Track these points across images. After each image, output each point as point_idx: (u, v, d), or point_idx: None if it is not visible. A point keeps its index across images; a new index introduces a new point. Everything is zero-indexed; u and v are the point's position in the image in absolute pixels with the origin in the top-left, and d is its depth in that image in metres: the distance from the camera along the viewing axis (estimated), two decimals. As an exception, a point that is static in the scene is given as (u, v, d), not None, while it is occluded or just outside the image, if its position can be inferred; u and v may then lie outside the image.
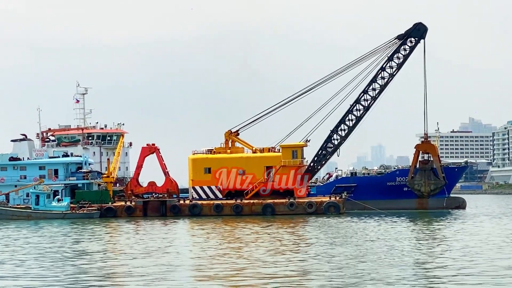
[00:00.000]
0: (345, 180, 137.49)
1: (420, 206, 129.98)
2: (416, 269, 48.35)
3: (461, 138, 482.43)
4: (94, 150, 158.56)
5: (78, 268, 51.98)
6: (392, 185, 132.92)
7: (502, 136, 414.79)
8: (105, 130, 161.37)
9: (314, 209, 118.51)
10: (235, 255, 58.25)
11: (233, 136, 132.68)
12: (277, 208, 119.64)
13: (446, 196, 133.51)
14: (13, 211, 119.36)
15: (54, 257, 59.72)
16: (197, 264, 53.66)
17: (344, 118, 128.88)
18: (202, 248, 65.13)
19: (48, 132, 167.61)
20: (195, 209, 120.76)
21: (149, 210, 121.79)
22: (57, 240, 76.26)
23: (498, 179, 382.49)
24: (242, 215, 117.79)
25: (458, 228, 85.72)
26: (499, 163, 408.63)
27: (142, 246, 68.47)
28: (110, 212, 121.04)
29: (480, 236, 73.84)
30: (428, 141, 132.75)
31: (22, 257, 59.89)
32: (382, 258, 54.06)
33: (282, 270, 48.79)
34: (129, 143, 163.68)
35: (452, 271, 46.73)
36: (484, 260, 52.13)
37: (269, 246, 64.76)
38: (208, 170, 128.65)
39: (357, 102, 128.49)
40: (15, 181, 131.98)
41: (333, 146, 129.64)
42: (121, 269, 51.99)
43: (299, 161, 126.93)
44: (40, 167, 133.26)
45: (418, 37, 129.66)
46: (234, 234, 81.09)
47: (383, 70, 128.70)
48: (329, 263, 51.75)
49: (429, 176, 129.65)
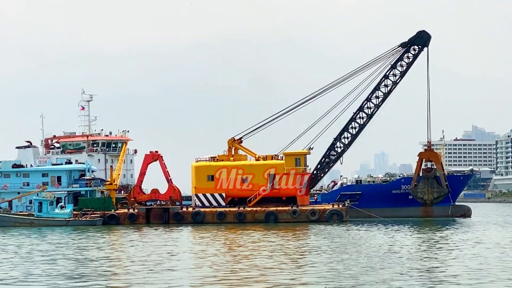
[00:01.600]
0: (350, 188, 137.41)
1: (425, 214, 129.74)
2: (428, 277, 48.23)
3: (464, 146, 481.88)
4: (99, 157, 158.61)
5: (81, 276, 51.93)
6: (397, 193, 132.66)
7: (506, 145, 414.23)
8: (110, 137, 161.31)
9: (317, 217, 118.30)
10: (237, 264, 58.14)
11: (236, 144, 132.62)
12: (280, 216, 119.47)
13: (452, 204, 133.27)
14: (16, 218, 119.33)
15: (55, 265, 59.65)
16: (200, 273, 53.57)
17: (347, 126, 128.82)
18: (203, 257, 65.00)
19: (53, 139, 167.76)
20: (198, 217, 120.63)
21: (152, 217, 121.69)
22: (61, 248, 76.20)
23: (502, 187, 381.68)
24: (245, 222, 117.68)
25: (471, 237, 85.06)
26: (502, 171, 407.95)
27: (145, 254, 68.36)
28: (113, 220, 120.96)
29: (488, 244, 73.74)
30: (432, 149, 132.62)
31: (28, 265, 59.83)
32: (396, 268, 53.91)
33: (282, 279, 48.70)
34: (134, 150, 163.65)
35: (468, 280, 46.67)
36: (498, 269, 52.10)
37: (270, 255, 64.64)
38: (211, 178, 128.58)
39: (360, 110, 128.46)
40: (18, 188, 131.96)
41: (336, 154, 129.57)
42: (124, 277, 51.95)
43: (302, 169, 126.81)
44: (43, 174, 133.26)
45: (422, 45, 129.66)
46: (237, 242, 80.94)
47: (387, 78, 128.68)
48: (335, 272, 51.64)
49: (432, 184, 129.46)
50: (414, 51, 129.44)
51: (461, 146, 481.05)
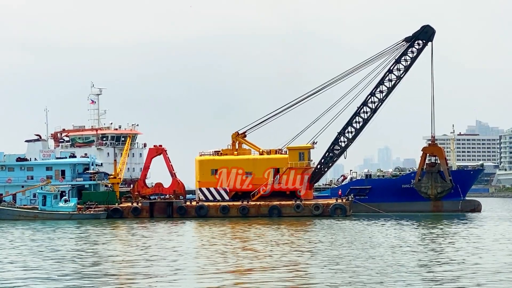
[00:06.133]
0: (360, 182, 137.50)
1: (435, 208, 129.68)
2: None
3: (468, 141, 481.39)
4: (108, 151, 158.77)
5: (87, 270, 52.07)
6: (407, 188, 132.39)
7: (509, 139, 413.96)
8: (119, 131, 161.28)
9: (320, 211, 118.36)
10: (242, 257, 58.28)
11: (240, 138, 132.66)
12: (283, 210, 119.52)
13: (462, 199, 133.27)
14: (20, 212, 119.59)
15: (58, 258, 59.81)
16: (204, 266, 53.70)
17: (351, 120, 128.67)
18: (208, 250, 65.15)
19: (63, 132, 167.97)
20: (201, 211, 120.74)
21: (156, 211, 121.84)
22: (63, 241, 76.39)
23: (505, 182, 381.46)
24: (249, 216, 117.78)
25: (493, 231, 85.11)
26: (506, 166, 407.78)
27: (149, 248, 68.51)
28: (117, 213, 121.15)
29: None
30: (435, 143, 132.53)
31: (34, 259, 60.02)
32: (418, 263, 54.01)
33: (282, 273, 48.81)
34: (144, 144, 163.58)
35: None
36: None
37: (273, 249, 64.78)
38: (215, 172, 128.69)
39: (365, 104, 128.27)
40: (22, 182, 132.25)
41: (340, 148, 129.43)
42: (128, 270, 52.07)
43: (306, 163, 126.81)
44: (47, 168, 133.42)
45: (426, 39, 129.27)
46: (242, 236, 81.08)
47: (391, 72, 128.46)
48: (340, 266, 51.73)
49: (436, 178, 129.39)
50: (418, 46, 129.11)
51: (465, 141, 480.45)
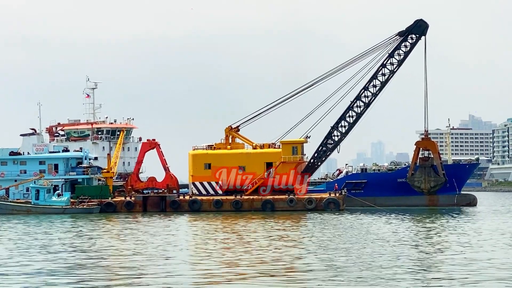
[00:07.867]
0: (355, 176, 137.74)
1: (430, 203, 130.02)
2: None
3: (461, 136, 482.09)
4: (104, 145, 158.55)
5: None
6: (402, 182, 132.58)
7: (502, 134, 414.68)
8: (114, 125, 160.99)
9: (314, 205, 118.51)
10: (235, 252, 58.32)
11: (234, 132, 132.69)
12: (276, 204, 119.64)
13: (457, 193, 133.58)
14: (13, 206, 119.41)
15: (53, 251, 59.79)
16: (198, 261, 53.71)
17: (345, 114, 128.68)
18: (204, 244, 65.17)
19: (58, 126, 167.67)
20: (194, 205, 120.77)
21: (149, 205, 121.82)
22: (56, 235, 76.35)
23: (498, 176, 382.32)
24: (242, 211, 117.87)
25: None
26: (498, 161, 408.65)
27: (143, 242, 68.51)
28: (110, 208, 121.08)
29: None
30: (429, 138, 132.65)
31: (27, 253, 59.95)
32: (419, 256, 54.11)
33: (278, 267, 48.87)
34: (139, 138, 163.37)
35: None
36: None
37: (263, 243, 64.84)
38: (208, 166, 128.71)
39: (358, 98, 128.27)
40: (15, 176, 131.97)
41: (333, 142, 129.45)
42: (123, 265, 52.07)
43: (299, 158, 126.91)
44: (40, 162, 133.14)
45: (419, 33, 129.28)
46: (235, 231, 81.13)
47: (384, 66, 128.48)
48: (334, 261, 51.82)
49: (429, 173, 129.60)
50: (411, 40, 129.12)
51: (458, 135, 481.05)
